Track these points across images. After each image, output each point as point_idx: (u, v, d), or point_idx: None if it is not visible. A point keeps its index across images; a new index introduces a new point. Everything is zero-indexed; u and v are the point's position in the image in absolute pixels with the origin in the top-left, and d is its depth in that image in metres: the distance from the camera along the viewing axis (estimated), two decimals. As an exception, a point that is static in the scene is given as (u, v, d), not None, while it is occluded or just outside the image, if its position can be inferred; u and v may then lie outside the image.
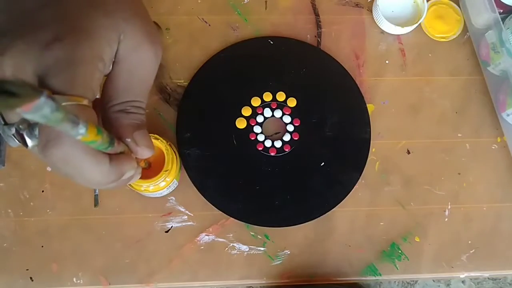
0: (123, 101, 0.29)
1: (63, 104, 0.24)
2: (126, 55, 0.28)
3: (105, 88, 0.29)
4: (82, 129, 0.21)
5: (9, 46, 0.25)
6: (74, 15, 0.26)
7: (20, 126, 0.26)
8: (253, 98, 0.51)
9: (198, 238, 0.48)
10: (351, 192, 0.50)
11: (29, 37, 0.25)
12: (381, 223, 0.50)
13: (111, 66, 0.28)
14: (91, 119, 0.25)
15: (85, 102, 0.25)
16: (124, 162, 0.28)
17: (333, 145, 0.51)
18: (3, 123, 0.27)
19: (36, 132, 0.25)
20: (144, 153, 0.29)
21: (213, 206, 0.48)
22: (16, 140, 0.27)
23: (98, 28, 0.26)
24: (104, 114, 0.29)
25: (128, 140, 0.28)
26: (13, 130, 0.26)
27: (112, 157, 0.27)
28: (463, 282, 0.53)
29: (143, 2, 0.31)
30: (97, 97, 0.28)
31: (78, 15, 0.26)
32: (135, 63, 0.29)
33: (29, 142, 0.26)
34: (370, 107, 0.52)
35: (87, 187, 0.27)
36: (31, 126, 0.25)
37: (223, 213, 0.48)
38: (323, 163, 0.50)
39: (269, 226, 0.49)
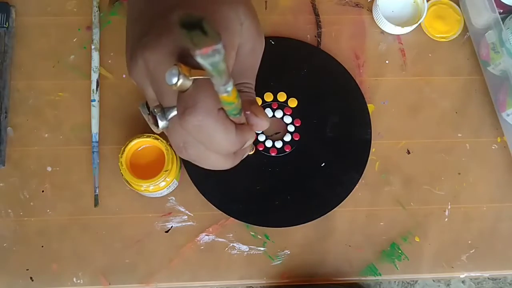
0: (238, 82, 0.33)
1: (201, 77, 0.27)
2: (241, 44, 0.32)
3: None
4: (230, 87, 0.24)
5: (149, 43, 0.29)
6: (206, 10, 0.30)
7: (155, 110, 0.30)
8: (253, 98, 0.51)
9: (198, 238, 0.48)
10: (351, 192, 0.50)
11: (169, 34, 0.28)
12: (381, 223, 0.50)
13: None
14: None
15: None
16: (246, 131, 0.31)
17: (334, 145, 0.51)
18: (148, 112, 0.32)
19: (168, 115, 0.29)
20: (263, 124, 0.32)
21: (213, 206, 0.48)
22: (151, 122, 0.31)
23: (228, 20, 0.30)
24: None
25: (248, 113, 0.31)
26: (148, 114, 0.31)
27: (237, 126, 0.30)
28: (463, 282, 0.53)
29: None
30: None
31: (210, 10, 0.30)
32: (248, 51, 0.33)
33: (160, 124, 0.30)
34: (370, 107, 0.52)
35: (217, 153, 0.31)
36: (163, 110, 0.30)
37: (223, 213, 0.48)
38: (323, 164, 0.50)
39: (269, 226, 0.49)
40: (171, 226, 0.49)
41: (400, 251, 0.49)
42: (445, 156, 0.52)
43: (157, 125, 0.30)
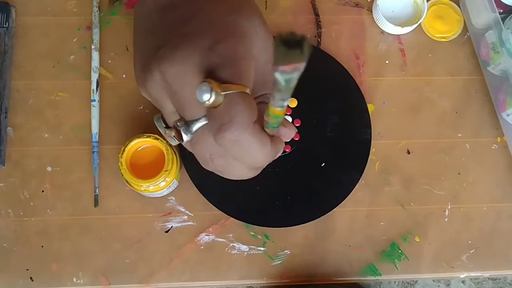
0: (260, 94, 0.33)
1: (232, 92, 0.27)
2: (258, 54, 0.31)
3: None
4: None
5: (166, 55, 0.28)
6: (223, 21, 0.30)
7: (178, 123, 0.30)
8: (253, 98, 0.51)
9: (198, 238, 0.48)
10: (351, 192, 0.50)
11: (188, 45, 0.28)
12: (381, 223, 0.50)
13: None
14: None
15: (248, 91, 0.28)
16: (279, 143, 0.32)
17: (334, 145, 0.51)
18: (164, 126, 0.33)
19: (192, 128, 0.29)
20: (292, 134, 0.33)
21: (213, 206, 0.48)
22: (176, 139, 0.31)
23: (246, 31, 0.30)
24: None
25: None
26: (173, 132, 0.31)
27: (272, 139, 0.30)
28: (463, 282, 0.53)
29: None
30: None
31: (227, 21, 0.30)
32: (265, 61, 0.32)
33: (185, 137, 0.30)
34: (370, 107, 0.52)
35: (252, 166, 0.32)
36: (187, 123, 0.29)
37: (223, 213, 0.48)
38: (323, 164, 0.50)
39: (269, 226, 0.49)
40: (171, 226, 0.49)
41: (400, 251, 0.49)
42: (445, 156, 0.52)
43: (181, 138, 0.30)
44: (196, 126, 0.29)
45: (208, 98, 0.25)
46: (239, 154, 0.29)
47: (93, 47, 0.51)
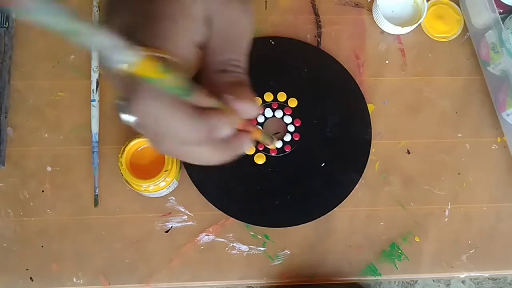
0: (220, 60, 0.28)
1: (142, 53, 0.23)
2: (215, 13, 0.28)
3: (204, 54, 0.29)
4: (129, 56, 0.20)
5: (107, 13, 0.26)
6: None
7: (120, 102, 0.25)
8: (253, 98, 0.51)
9: (198, 238, 0.48)
10: (351, 192, 0.50)
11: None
12: (381, 223, 0.50)
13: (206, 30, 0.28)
14: (176, 70, 0.24)
15: (167, 56, 0.24)
16: (212, 114, 0.26)
17: (334, 145, 0.51)
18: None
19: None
20: (249, 109, 0.27)
21: (213, 206, 0.48)
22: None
23: None
24: (205, 77, 0.29)
25: (230, 96, 0.27)
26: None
27: (201, 110, 0.25)
28: (463, 282, 0.53)
29: None
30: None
31: None
32: (225, 21, 0.28)
33: (123, 116, 0.25)
34: (370, 107, 0.52)
35: (184, 143, 0.27)
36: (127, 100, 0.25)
37: (223, 213, 0.48)
38: (323, 164, 0.50)
39: (269, 226, 0.49)
40: (171, 226, 0.49)
41: (400, 251, 0.49)
42: (445, 156, 0.52)
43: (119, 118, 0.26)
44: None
45: (120, 60, 0.21)
46: (159, 129, 0.25)
47: (93, 47, 0.51)
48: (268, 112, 0.51)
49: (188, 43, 0.26)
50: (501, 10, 0.52)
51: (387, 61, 0.54)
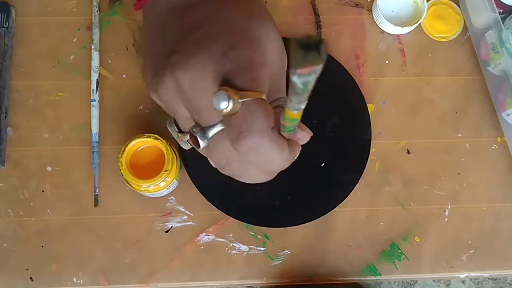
0: (276, 98, 0.33)
1: (249, 99, 0.27)
2: (272, 59, 0.32)
3: None
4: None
5: (180, 61, 0.28)
6: (237, 27, 0.30)
7: (194, 129, 0.30)
8: (253, 98, 0.51)
9: (198, 238, 0.48)
10: (351, 192, 0.50)
11: (202, 51, 0.28)
12: (381, 223, 0.50)
13: None
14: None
15: (263, 97, 0.28)
16: (296, 146, 0.31)
17: (334, 145, 0.51)
18: (177, 130, 0.33)
19: (208, 134, 0.29)
20: (308, 136, 0.32)
21: (213, 206, 0.48)
22: (190, 143, 0.31)
23: (259, 36, 0.30)
24: None
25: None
26: (187, 136, 0.31)
27: (289, 143, 0.30)
28: (463, 282, 0.53)
29: None
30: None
31: (240, 27, 0.30)
32: (279, 66, 0.33)
33: (201, 143, 0.30)
34: (370, 107, 0.52)
35: (270, 170, 0.32)
36: (203, 129, 0.29)
37: (223, 213, 0.48)
38: (323, 164, 0.50)
39: (269, 226, 0.49)
40: (171, 226, 0.49)
41: (400, 251, 0.49)
42: (445, 156, 0.52)
43: (197, 144, 0.30)
44: (212, 132, 0.29)
45: (225, 106, 0.25)
46: (258, 160, 0.29)
47: (93, 47, 0.51)
48: (268, 112, 0.51)
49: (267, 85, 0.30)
50: (501, 10, 0.52)
51: (387, 61, 0.54)
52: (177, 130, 0.33)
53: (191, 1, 0.32)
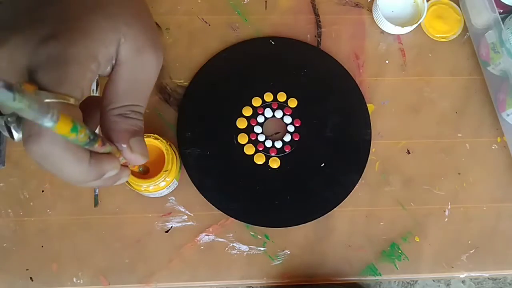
0: (123, 104, 0.28)
1: (47, 100, 0.24)
2: (127, 58, 0.28)
3: (105, 90, 0.29)
4: (49, 122, 0.20)
5: (7, 38, 0.25)
6: (73, 15, 0.27)
7: (9, 119, 0.26)
8: (253, 98, 0.51)
9: (198, 238, 0.48)
10: (351, 192, 0.50)
11: (28, 32, 0.25)
12: (381, 223, 0.50)
13: (110, 69, 0.28)
14: (75, 117, 0.24)
15: (72, 101, 0.25)
16: (105, 161, 0.27)
17: (334, 145, 0.51)
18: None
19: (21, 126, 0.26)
20: (138, 160, 0.29)
21: (213, 206, 0.48)
22: (6, 132, 0.27)
23: (95, 29, 0.26)
24: (103, 116, 0.29)
25: (124, 146, 0.28)
26: (2, 122, 0.26)
27: (93, 155, 0.27)
28: (463, 282, 0.53)
29: (147, 6, 0.31)
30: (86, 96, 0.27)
31: (78, 15, 0.27)
32: (136, 67, 0.28)
33: (15, 135, 0.26)
34: (370, 107, 0.52)
35: (67, 180, 0.29)
36: (19, 119, 0.25)
37: (223, 213, 0.48)
38: (323, 164, 0.50)
39: (269, 226, 0.49)
40: (171, 226, 0.49)
41: (400, 251, 0.49)
42: (445, 156, 0.52)
43: (12, 137, 0.26)
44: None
45: (7, 99, 0.19)
46: (49, 168, 0.26)
47: (93, 47, 0.51)
48: (268, 112, 0.51)
49: (88, 85, 0.27)
50: (501, 10, 0.52)
51: (387, 61, 0.54)
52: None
53: None
